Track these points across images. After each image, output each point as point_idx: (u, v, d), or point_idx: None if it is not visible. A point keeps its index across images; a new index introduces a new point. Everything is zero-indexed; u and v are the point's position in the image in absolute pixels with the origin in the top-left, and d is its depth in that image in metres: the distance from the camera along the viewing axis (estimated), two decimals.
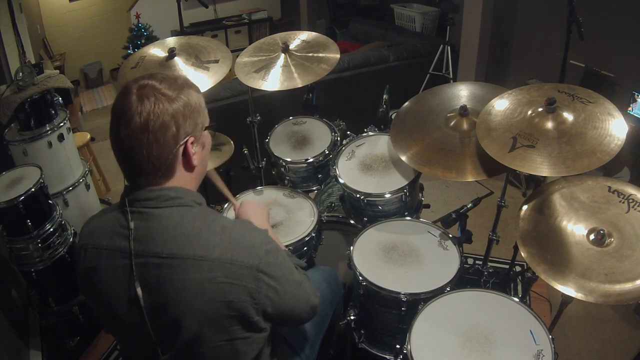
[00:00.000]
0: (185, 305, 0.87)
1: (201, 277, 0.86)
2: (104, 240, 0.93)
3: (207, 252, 0.87)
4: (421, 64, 3.74)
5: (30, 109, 2.09)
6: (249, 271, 0.89)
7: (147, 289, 0.88)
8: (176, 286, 0.87)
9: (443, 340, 1.20)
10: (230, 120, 2.31)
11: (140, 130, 0.85)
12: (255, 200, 1.35)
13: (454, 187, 3.26)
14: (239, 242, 0.91)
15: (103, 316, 0.99)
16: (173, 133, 0.87)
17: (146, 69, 1.79)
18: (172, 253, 0.87)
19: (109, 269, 0.91)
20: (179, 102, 0.88)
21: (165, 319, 0.89)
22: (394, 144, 1.62)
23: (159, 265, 0.87)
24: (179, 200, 0.91)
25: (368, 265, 1.47)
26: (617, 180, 1.32)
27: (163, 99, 0.86)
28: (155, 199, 0.90)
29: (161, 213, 0.89)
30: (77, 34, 5.87)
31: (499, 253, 2.47)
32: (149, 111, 0.84)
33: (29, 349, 2.14)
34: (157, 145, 0.86)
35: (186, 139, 0.90)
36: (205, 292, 0.87)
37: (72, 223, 2.17)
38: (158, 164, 0.88)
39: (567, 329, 2.15)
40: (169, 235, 0.88)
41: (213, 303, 0.88)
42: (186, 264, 0.87)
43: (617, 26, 2.79)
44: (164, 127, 0.86)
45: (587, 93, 1.36)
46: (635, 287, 1.09)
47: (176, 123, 0.87)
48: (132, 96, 0.86)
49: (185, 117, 0.89)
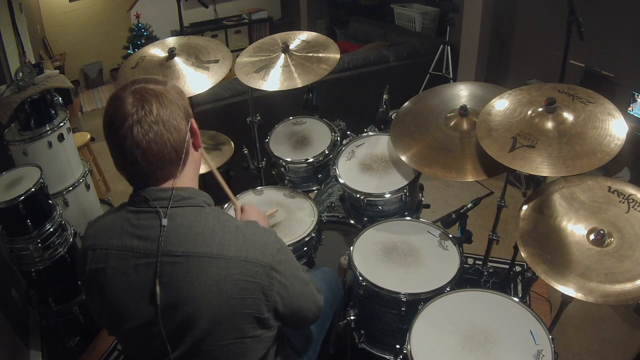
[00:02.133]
0: (199, 302, 0.88)
1: (217, 274, 0.88)
2: (113, 240, 0.92)
3: (222, 250, 0.89)
4: (421, 64, 3.74)
5: (30, 109, 2.09)
6: (263, 269, 0.91)
7: (160, 286, 0.88)
8: (191, 284, 0.88)
9: (443, 340, 1.20)
10: (230, 120, 2.32)
11: (155, 122, 0.87)
12: (255, 205, 1.37)
13: (454, 187, 3.26)
14: (253, 241, 0.93)
15: (108, 317, 0.98)
16: (180, 116, 0.92)
17: (146, 68, 1.79)
18: (187, 251, 0.88)
19: (119, 270, 0.91)
20: (171, 88, 0.93)
21: (177, 317, 0.89)
22: (394, 144, 1.62)
23: (173, 264, 0.88)
24: (191, 200, 0.94)
25: (368, 265, 1.47)
26: (617, 180, 1.32)
27: (158, 89, 0.91)
28: (168, 198, 0.91)
29: (174, 212, 0.91)
30: (77, 34, 5.86)
31: (499, 253, 2.47)
32: (155, 102, 0.88)
33: (29, 349, 2.14)
34: (175, 130, 0.90)
35: (190, 121, 0.95)
36: (220, 289, 0.88)
37: (72, 223, 2.17)
38: (179, 148, 0.92)
39: (567, 329, 2.15)
40: (184, 234, 0.89)
41: (228, 300, 0.89)
42: (202, 262, 0.88)
43: (617, 26, 2.79)
44: (173, 111, 0.90)
45: (587, 93, 1.36)
46: (635, 287, 1.09)
47: (178, 105, 0.92)
48: (128, 99, 0.87)
49: (180, 96, 0.94)
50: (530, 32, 3.47)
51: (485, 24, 3.45)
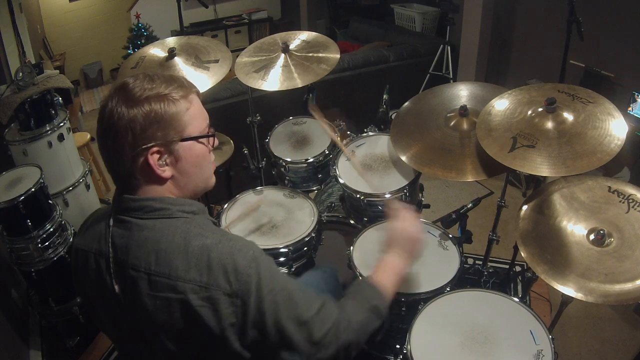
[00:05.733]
0: (158, 321, 0.84)
1: (175, 297, 0.81)
2: (93, 243, 0.92)
3: (182, 272, 0.82)
4: (421, 64, 3.74)
5: (30, 109, 2.09)
6: (225, 296, 0.81)
7: (125, 298, 0.87)
8: (150, 301, 0.83)
9: (443, 340, 1.20)
10: (230, 120, 2.31)
11: (101, 133, 0.85)
12: (417, 224, 1.15)
13: (454, 187, 3.26)
14: (218, 264, 0.82)
15: (94, 316, 1.00)
16: (129, 141, 0.82)
17: (146, 69, 1.79)
18: (147, 269, 0.83)
19: (97, 272, 0.90)
20: (140, 109, 0.82)
21: (144, 329, 0.88)
22: (394, 144, 1.62)
23: (136, 278, 0.84)
24: (163, 212, 0.86)
25: (368, 265, 1.47)
26: (617, 180, 1.32)
27: (125, 102, 0.82)
28: (139, 209, 0.86)
29: (144, 224, 0.86)
30: (77, 34, 5.86)
31: (499, 253, 2.47)
32: (110, 113, 0.82)
33: (29, 349, 2.14)
34: (115, 150, 0.83)
35: (146, 148, 0.83)
36: (179, 312, 0.82)
37: (72, 223, 2.17)
38: (119, 170, 0.85)
39: (567, 329, 2.15)
40: (148, 249, 0.84)
41: (188, 325, 0.83)
42: (161, 282, 0.82)
43: (617, 26, 2.79)
44: (118, 133, 0.82)
45: (587, 93, 1.36)
46: (635, 287, 1.09)
47: (132, 131, 0.81)
48: (109, 94, 0.85)
49: (145, 127, 0.82)
50: (530, 32, 3.47)
51: (485, 24, 3.45)
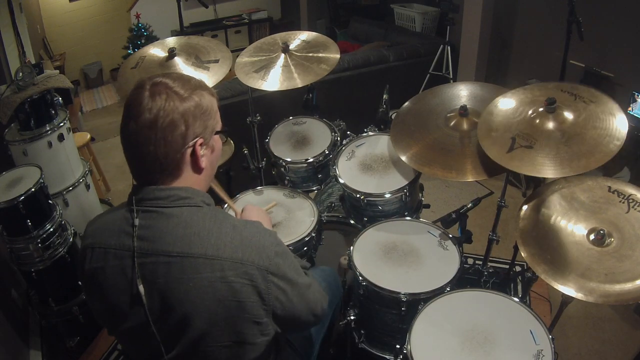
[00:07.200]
0: (195, 303, 0.87)
1: (212, 275, 0.87)
2: (111, 239, 0.92)
3: (218, 251, 0.87)
4: (421, 64, 3.74)
5: (30, 109, 2.09)
6: (259, 271, 0.89)
7: (155, 286, 0.88)
8: (186, 284, 0.87)
9: (443, 340, 1.20)
10: (230, 120, 2.30)
11: (148, 127, 0.86)
12: (256, 206, 1.35)
13: (454, 187, 3.26)
14: (250, 242, 0.91)
15: (107, 317, 0.98)
16: (182, 132, 0.88)
17: (146, 69, 1.79)
18: (182, 252, 0.87)
19: (116, 269, 0.91)
20: (190, 102, 0.89)
21: (173, 317, 0.89)
22: (394, 144, 1.62)
23: (169, 264, 0.87)
24: (189, 200, 0.92)
25: (368, 265, 1.47)
26: (617, 180, 1.32)
27: (175, 97, 0.87)
28: (165, 198, 0.90)
29: (171, 212, 0.90)
30: (77, 34, 5.87)
31: (499, 253, 2.47)
32: (159, 108, 0.86)
33: (29, 349, 2.14)
34: (165, 143, 0.87)
35: (195, 140, 0.91)
36: (215, 290, 0.87)
37: (72, 223, 2.17)
38: (165, 162, 0.89)
39: (567, 329, 2.15)
40: (179, 234, 0.88)
41: (223, 302, 0.88)
42: (197, 263, 0.87)
43: (617, 26, 2.79)
44: (173, 125, 0.87)
45: (589, 92, 1.35)
46: (635, 287, 1.09)
47: (186, 122, 0.88)
48: (145, 92, 0.87)
49: (196, 118, 0.90)
50: (530, 32, 3.47)
51: (485, 24, 3.45)
